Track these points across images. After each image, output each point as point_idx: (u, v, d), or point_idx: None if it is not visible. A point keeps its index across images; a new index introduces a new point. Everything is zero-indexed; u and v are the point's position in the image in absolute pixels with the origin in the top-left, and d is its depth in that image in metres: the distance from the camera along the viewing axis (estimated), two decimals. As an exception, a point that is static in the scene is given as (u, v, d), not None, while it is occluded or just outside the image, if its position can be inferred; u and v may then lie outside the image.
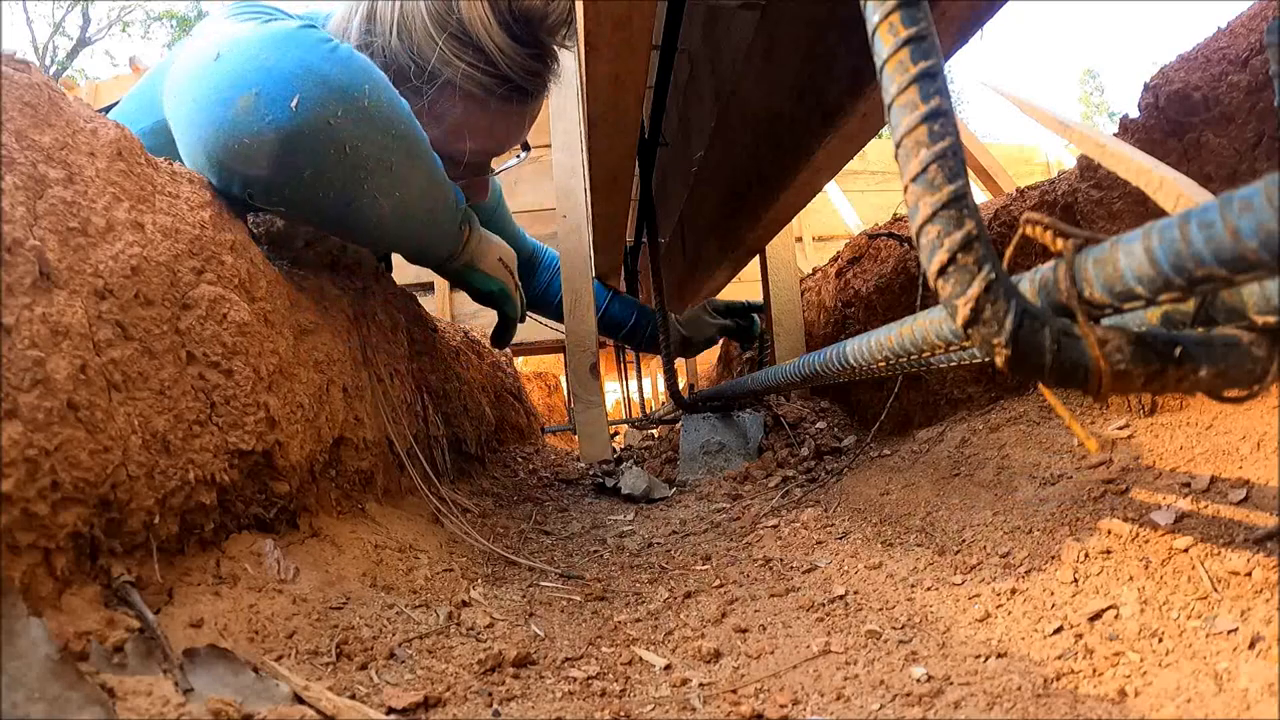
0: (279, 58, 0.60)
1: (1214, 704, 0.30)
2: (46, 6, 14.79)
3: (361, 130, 0.63)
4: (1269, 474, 0.44)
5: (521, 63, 0.91)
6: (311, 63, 0.61)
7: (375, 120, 0.64)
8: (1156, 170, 0.31)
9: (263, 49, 0.60)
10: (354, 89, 0.62)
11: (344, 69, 0.63)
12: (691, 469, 1.20)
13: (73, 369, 0.34)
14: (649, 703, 0.40)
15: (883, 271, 1.06)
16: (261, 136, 0.58)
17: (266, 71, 0.59)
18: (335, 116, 0.61)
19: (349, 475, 0.68)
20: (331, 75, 0.61)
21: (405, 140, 0.69)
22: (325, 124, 0.60)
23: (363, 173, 0.64)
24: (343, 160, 0.62)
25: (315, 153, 0.61)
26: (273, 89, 0.59)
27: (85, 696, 0.27)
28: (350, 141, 0.62)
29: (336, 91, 0.61)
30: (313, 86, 0.60)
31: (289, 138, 0.59)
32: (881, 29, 0.27)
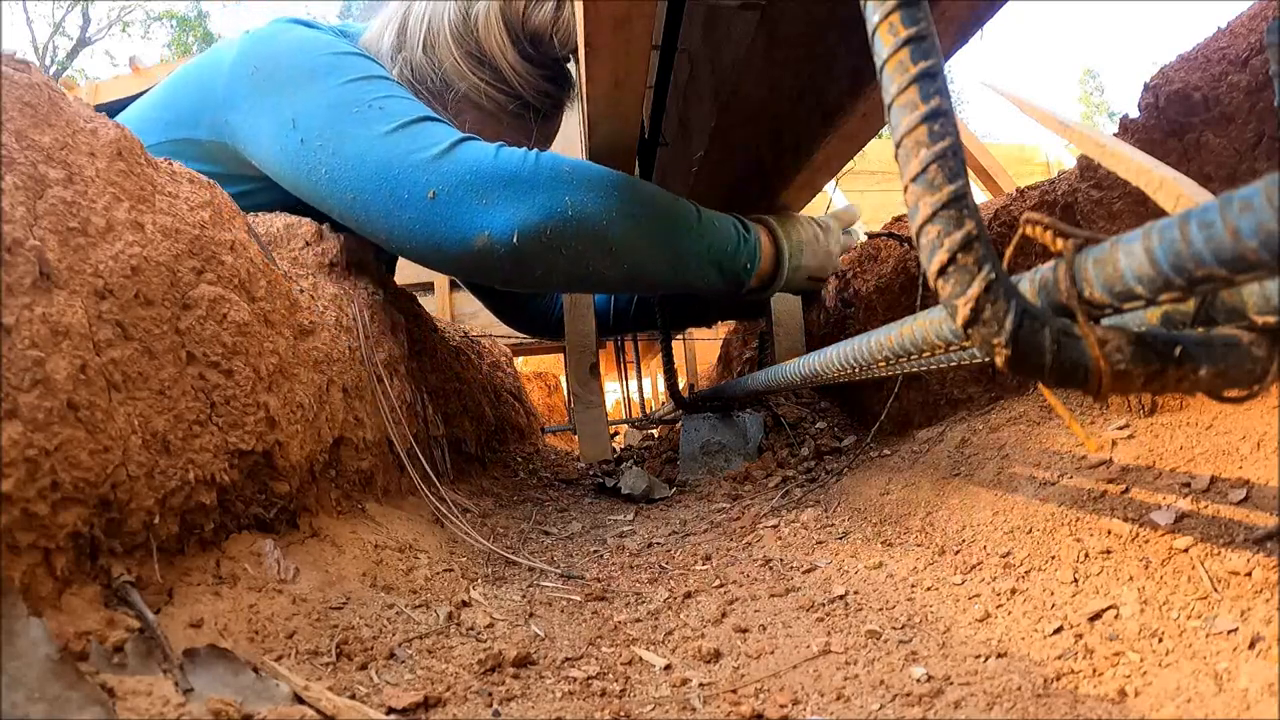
0: (496, 198, 0.76)
1: (1214, 704, 0.30)
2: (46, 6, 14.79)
3: (572, 235, 0.78)
4: (1269, 474, 0.44)
5: (534, 83, 1.00)
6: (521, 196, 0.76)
7: (582, 222, 0.78)
8: (1156, 170, 0.31)
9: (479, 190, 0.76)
10: (557, 204, 0.77)
11: (547, 190, 0.77)
12: (691, 469, 1.20)
13: (73, 369, 0.34)
14: (649, 703, 0.40)
15: (883, 271, 1.06)
16: (502, 261, 0.77)
17: (493, 216, 0.76)
18: (546, 235, 0.77)
19: (349, 475, 0.67)
20: (537, 201, 0.77)
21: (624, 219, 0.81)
22: (541, 241, 0.77)
23: (583, 259, 0.80)
24: (561, 258, 0.79)
25: (538, 261, 0.78)
26: (500, 230, 0.76)
27: (85, 696, 0.27)
28: (565, 245, 0.78)
29: (543, 213, 0.77)
30: (526, 216, 0.76)
31: (517, 259, 0.77)
32: (881, 29, 0.27)
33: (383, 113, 0.79)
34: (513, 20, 0.96)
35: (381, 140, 0.78)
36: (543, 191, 0.77)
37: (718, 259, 0.91)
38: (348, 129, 0.79)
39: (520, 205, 0.76)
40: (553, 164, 0.79)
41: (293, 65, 0.82)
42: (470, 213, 0.76)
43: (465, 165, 0.77)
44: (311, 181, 0.80)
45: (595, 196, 0.79)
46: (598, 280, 0.84)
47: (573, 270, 0.80)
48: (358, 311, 0.78)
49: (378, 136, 0.78)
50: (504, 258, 0.77)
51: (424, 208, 0.77)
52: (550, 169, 0.78)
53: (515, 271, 0.79)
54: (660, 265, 0.86)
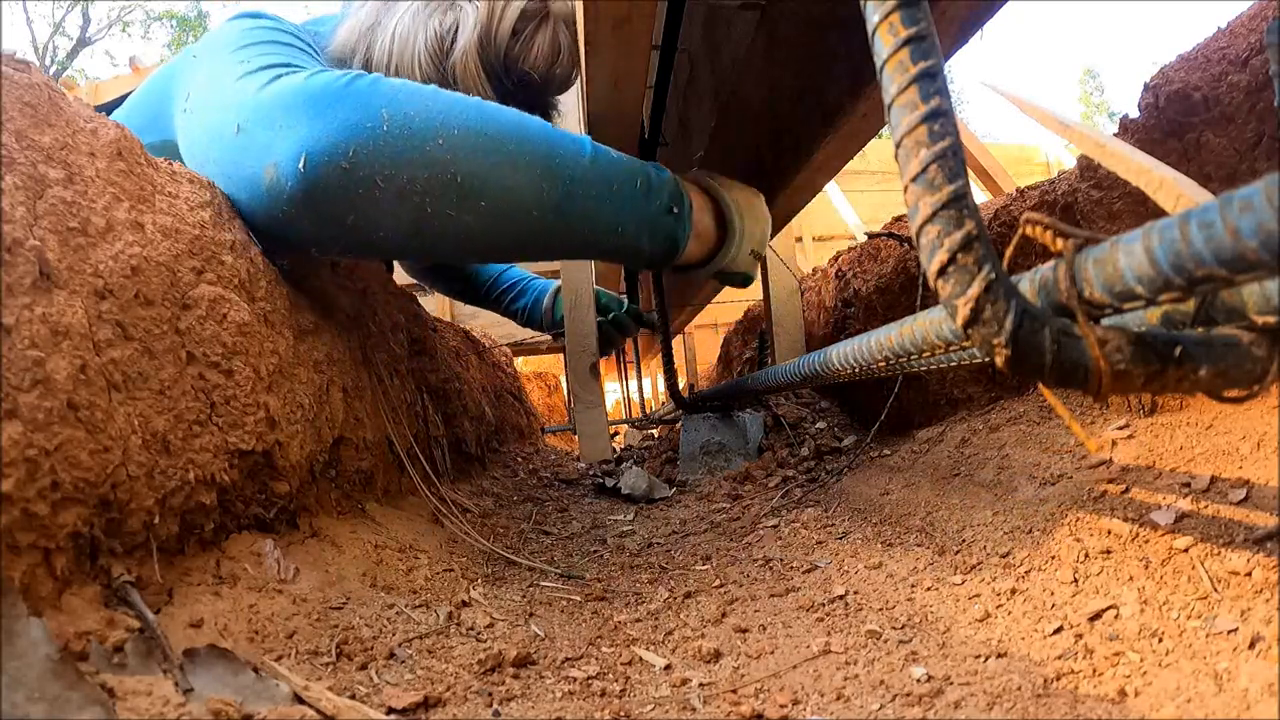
0: (291, 122, 0.59)
1: (1214, 704, 0.30)
2: (46, 6, 14.79)
3: (388, 157, 0.58)
4: (1269, 474, 0.44)
5: None
6: (316, 112, 0.59)
7: (403, 140, 0.59)
8: (1156, 170, 0.31)
9: (277, 115, 0.59)
10: (365, 119, 0.58)
11: (351, 101, 0.59)
12: (691, 469, 1.20)
13: (73, 369, 0.34)
14: (649, 703, 0.40)
15: (883, 271, 1.06)
16: (291, 201, 0.58)
17: (282, 140, 0.58)
18: (348, 158, 0.58)
19: (349, 475, 0.68)
20: (336, 116, 0.58)
21: (468, 142, 0.61)
22: (340, 170, 0.58)
23: (414, 197, 0.60)
24: (378, 194, 0.59)
25: (342, 199, 0.58)
26: (286, 154, 0.58)
27: (85, 696, 0.27)
28: (379, 174, 0.58)
29: (344, 131, 0.58)
30: (317, 136, 0.58)
31: (309, 194, 0.58)
32: (881, 29, 0.27)
33: (240, 65, 0.66)
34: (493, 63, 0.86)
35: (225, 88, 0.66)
36: (349, 104, 0.58)
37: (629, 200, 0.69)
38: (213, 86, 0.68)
39: (315, 123, 0.58)
40: (373, 80, 0.61)
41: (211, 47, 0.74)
42: (261, 142, 0.59)
43: (275, 91, 0.61)
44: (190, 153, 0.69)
45: (425, 105, 0.61)
46: (450, 233, 0.62)
47: (404, 213, 0.60)
48: (358, 311, 0.78)
49: (225, 85, 0.66)
50: (295, 196, 0.57)
51: (228, 146, 0.62)
52: (370, 83, 0.61)
53: (316, 217, 0.59)
54: (538, 205, 0.64)
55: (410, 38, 0.86)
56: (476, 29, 0.86)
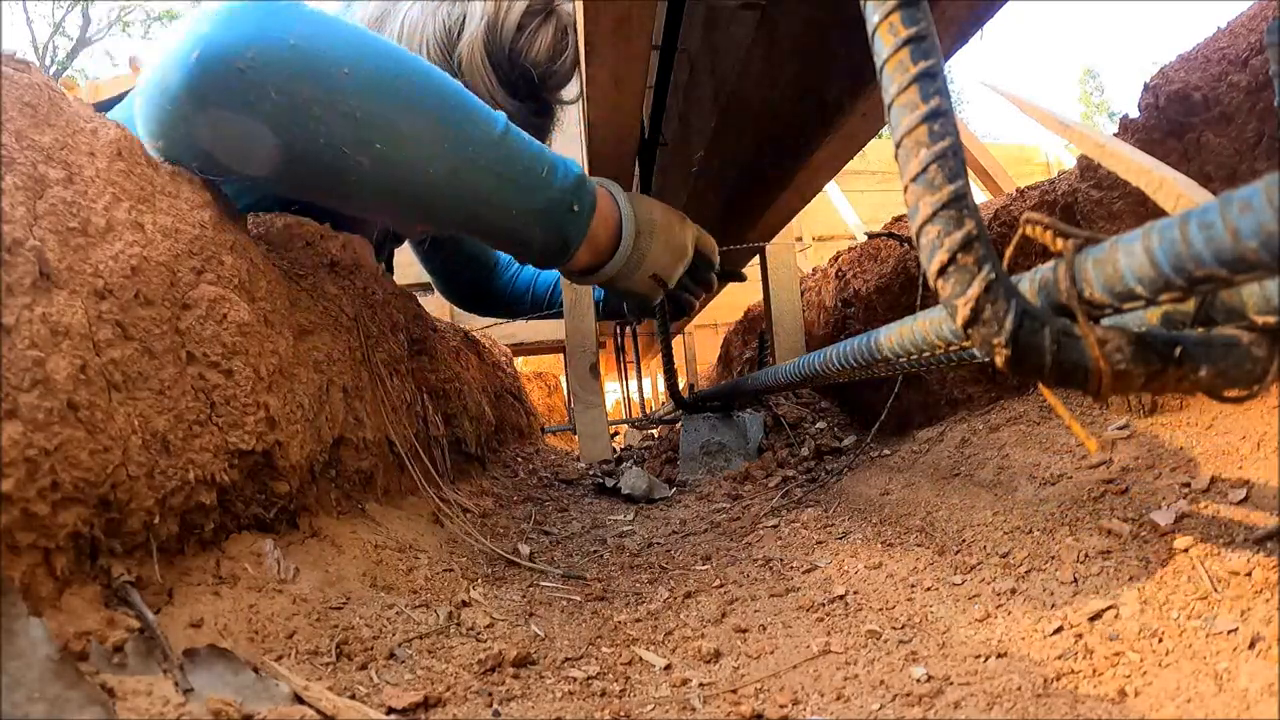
0: (197, 28, 0.54)
1: (1214, 704, 0.30)
2: (46, 6, 14.79)
3: (287, 69, 0.54)
4: (1269, 474, 0.44)
5: (524, 120, 0.91)
6: (226, 19, 0.54)
7: (309, 57, 0.55)
8: (1156, 170, 0.31)
9: (189, 25, 0.54)
10: (273, 29, 0.54)
11: (267, 16, 0.55)
12: (691, 469, 1.20)
13: (73, 369, 0.34)
14: (649, 703, 0.40)
15: (883, 271, 1.06)
16: (174, 99, 0.53)
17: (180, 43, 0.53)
18: (244, 59, 0.53)
19: (349, 475, 0.68)
20: (246, 23, 0.54)
21: (375, 78, 0.58)
22: (234, 70, 0.53)
23: (309, 121, 0.55)
24: (269, 108, 0.54)
25: (229, 103, 0.53)
26: (180, 55, 0.53)
27: (85, 696, 0.27)
28: (274, 84, 0.53)
29: (247, 35, 0.53)
30: (218, 36, 0.53)
31: (190, 92, 0.52)
32: (881, 29, 0.27)
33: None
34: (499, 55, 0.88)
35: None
36: (267, 17, 0.55)
37: (531, 184, 0.66)
38: None
39: (220, 26, 0.53)
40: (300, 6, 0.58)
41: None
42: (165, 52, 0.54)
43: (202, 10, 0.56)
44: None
45: (340, 40, 0.57)
46: (339, 171, 0.58)
47: (296, 137, 0.56)
48: (358, 311, 0.78)
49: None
50: (180, 92, 0.52)
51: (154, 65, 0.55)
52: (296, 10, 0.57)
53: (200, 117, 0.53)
54: (435, 162, 0.61)
55: (419, 27, 0.88)
56: (484, 20, 0.88)
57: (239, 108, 0.54)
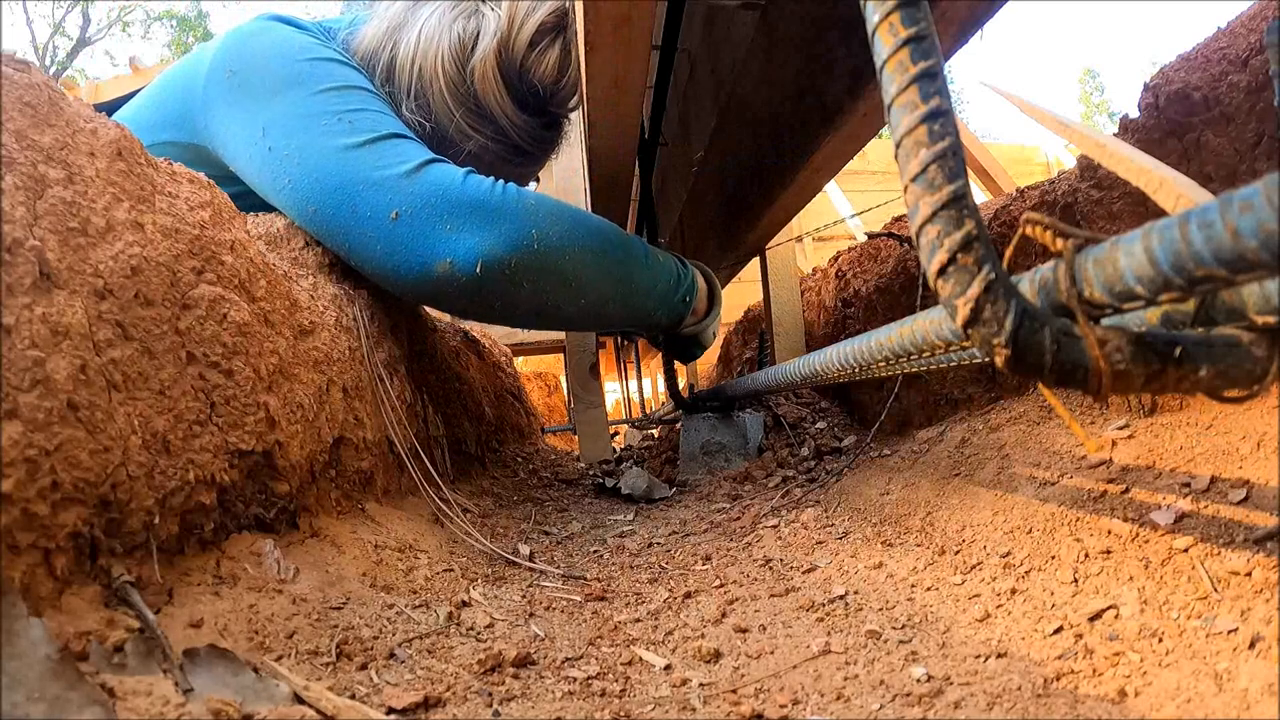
0: (461, 224, 0.74)
1: (1214, 704, 0.30)
2: (46, 6, 14.78)
3: (536, 266, 0.77)
4: (1269, 474, 0.44)
5: (532, 133, 0.97)
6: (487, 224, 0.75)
7: (546, 255, 0.77)
8: (1156, 170, 0.31)
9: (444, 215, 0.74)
10: (524, 237, 0.76)
11: (514, 220, 0.76)
12: (691, 469, 1.20)
13: (73, 369, 0.34)
14: (649, 703, 0.40)
15: (883, 271, 1.06)
16: (461, 289, 0.76)
17: (457, 243, 0.74)
18: (510, 266, 0.75)
19: (349, 475, 0.67)
20: (504, 231, 0.75)
21: (584, 255, 0.81)
22: (503, 274, 0.75)
23: (543, 294, 0.79)
24: (523, 291, 0.77)
25: (501, 294, 0.77)
26: (463, 258, 0.74)
27: (85, 696, 0.27)
28: (527, 278, 0.77)
29: (509, 245, 0.75)
30: (490, 247, 0.74)
31: (478, 289, 0.76)
32: (881, 29, 0.27)
33: (351, 126, 0.77)
34: (510, 71, 0.91)
35: (346, 154, 0.76)
36: (510, 221, 0.75)
37: (664, 294, 0.92)
38: (314, 140, 0.76)
39: (486, 233, 0.75)
40: (519, 195, 0.77)
41: (267, 71, 0.80)
42: (434, 238, 0.75)
43: (432, 187, 0.75)
44: (276, 190, 0.79)
45: (559, 229, 0.78)
46: (553, 314, 0.83)
47: (532, 304, 0.79)
48: (358, 311, 0.78)
49: (343, 149, 0.76)
50: (465, 286, 0.75)
51: (386, 228, 0.75)
52: (517, 199, 0.77)
53: (474, 302, 0.78)
54: (615, 300, 0.87)
55: (435, 40, 0.91)
56: (496, 37, 0.90)
57: (503, 295, 0.78)
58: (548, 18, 0.91)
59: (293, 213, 0.79)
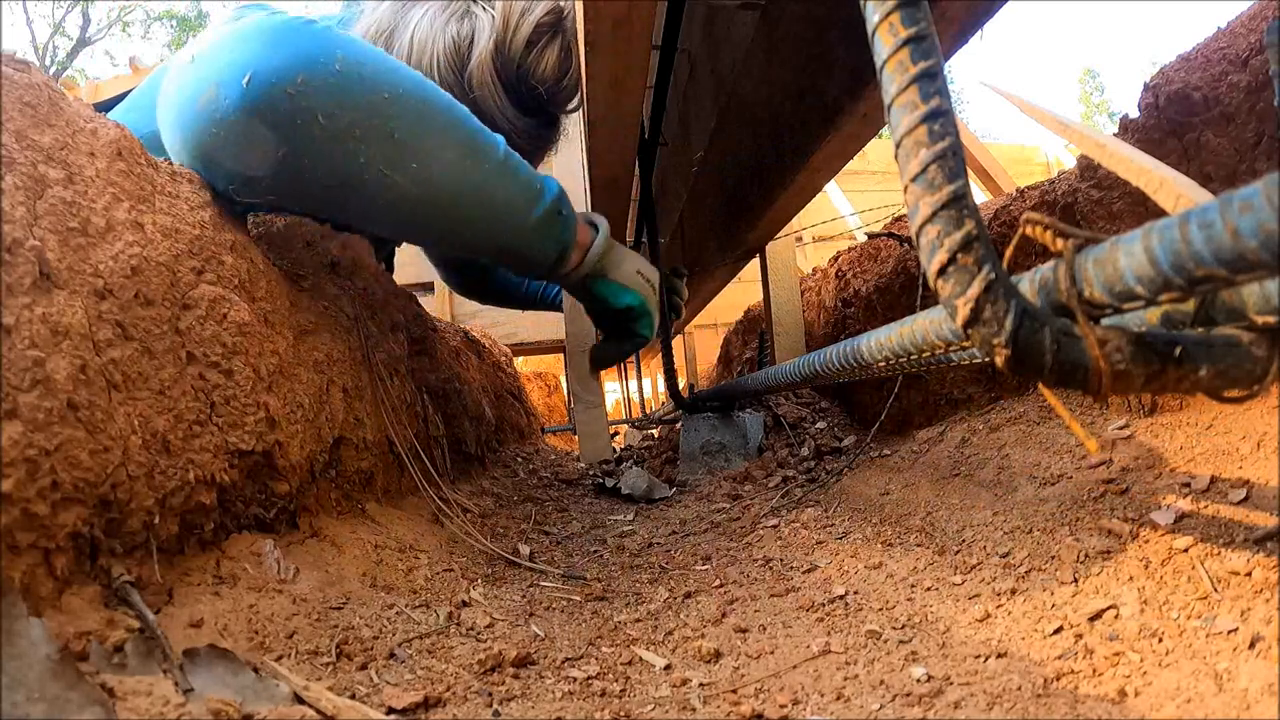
0: (243, 48, 0.57)
1: (1214, 704, 0.30)
2: (46, 6, 14.79)
3: (334, 95, 0.58)
4: (1269, 474, 0.44)
5: (532, 134, 0.93)
6: (271, 40, 0.57)
7: (353, 83, 0.59)
8: (1156, 170, 0.31)
9: (231, 42, 0.57)
10: (319, 55, 0.57)
11: (310, 41, 0.58)
12: (691, 469, 1.20)
13: (73, 369, 0.34)
14: (649, 703, 0.40)
15: (883, 271, 1.06)
16: (223, 123, 0.56)
17: (229, 63, 0.56)
18: (294, 84, 0.56)
19: (349, 475, 0.68)
20: (291, 46, 0.57)
21: (409, 103, 0.62)
22: (284, 94, 0.56)
23: (350, 142, 0.59)
24: (317, 132, 0.57)
25: (279, 126, 0.56)
26: (230, 76, 0.55)
27: (85, 696, 0.27)
28: (321, 109, 0.57)
29: (296, 60, 0.56)
30: (267, 59, 0.56)
31: (244, 115, 0.55)
32: (881, 29, 0.27)
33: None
34: (508, 72, 0.88)
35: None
36: (306, 38, 0.58)
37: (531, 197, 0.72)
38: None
39: (268, 49, 0.56)
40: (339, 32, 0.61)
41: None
42: (209, 66, 0.57)
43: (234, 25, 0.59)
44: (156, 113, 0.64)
45: (379, 61, 0.62)
46: (376, 192, 0.62)
47: (337, 159, 0.59)
48: (358, 311, 0.78)
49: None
50: (231, 116, 0.55)
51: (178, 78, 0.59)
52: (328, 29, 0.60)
53: (247, 142, 0.56)
54: (460, 180, 0.66)
55: (428, 45, 0.88)
56: (492, 38, 0.88)
57: (287, 130, 0.57)
58: (544, 17, 0.89)
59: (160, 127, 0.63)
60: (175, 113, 0.58)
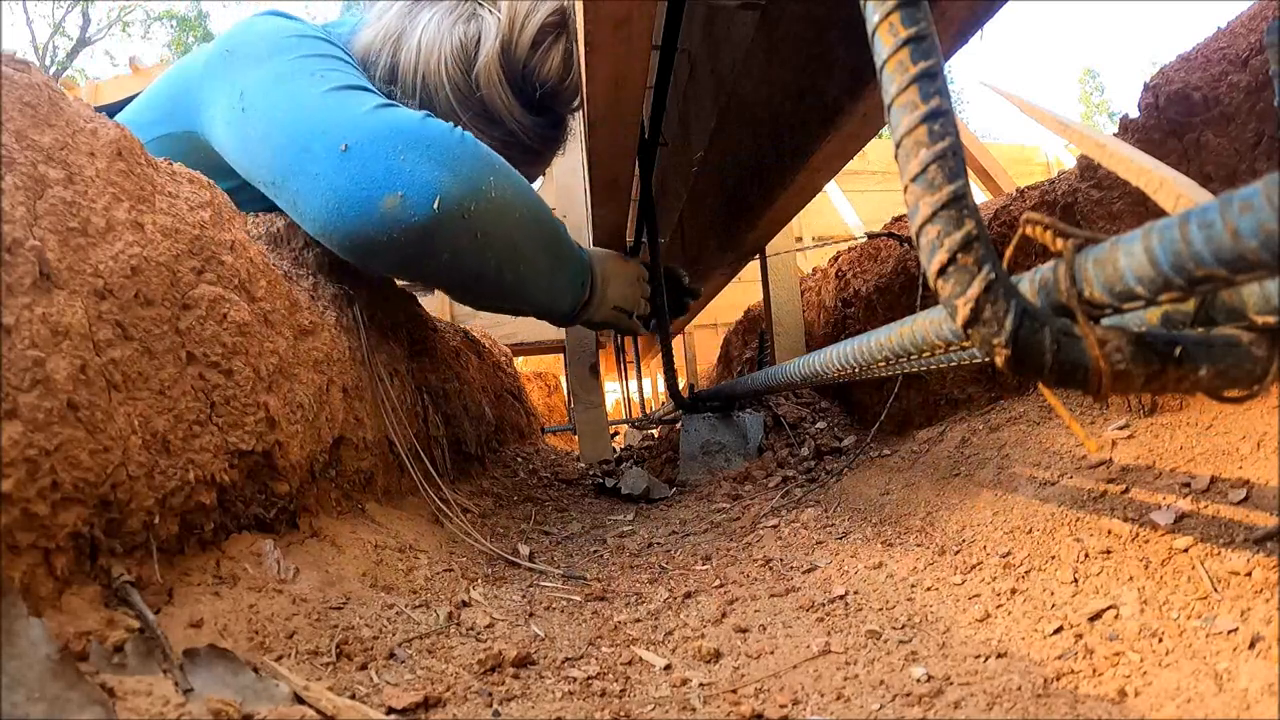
0: (415, 159, 0.68)
1: (1214, 704, 0.30)
2: (46, 6, 14.79)
3: (491, 217, 0.72)
4: (1269, 474, 0.43)
5: (540, 133, 0.97)
6: (445, 161, 0.69)
7: (501, 208, 0.73)
8: (1156, 170, 0.31)
9: (397, 147, 0.68)
10: (482, 182, 0.71)
11: (473, 163, 0.71)
12: (691, 469, 1.20)
13: (73, 369, 0.34)
14: (649, 703, 0.40)
15: (883, 271, 1.06)
16: (409, 231, 0.68)
17: (409, 175, 0.67)
18: (469, 210, 0.70)
19: (349, 475, 0.67)
20: (464, 172, 0.70)
21: (529, 219, 0.77)
22: (462, 217, 0.69)
23: (490, 252, 0.74)
24: (475, 243, 0.72)
25: (452, 241, 0.70)
26: (417, 192, 0.67)
27: (85, 696, 0.27)
28: (482, 228, 0.72)
29: (468, 186, 0.70)
30: (450, 185, 0.68)
31: (433, 232, 0.69)
32: (881, 29, 0.27)
33: (321, 79, 0.73)
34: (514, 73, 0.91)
35: (309, 99, 0.71)
36: (468, 163, 0.70)
37: (574, 275, 0.90)
38: (282, 93, 0.73)
39: (444, 170, 0.68)
40: (475, 142, 0.73)
41: (259, 44, 0.78)
42: (385, 169, 0.67)
43: (388, 121, 0.69)
44: (244, 150, 0.75)
45: (510, 185, 0.75)
46: (489, 281, 0.78)
47: (476, 263, 0.74)
48: (358, 311, 0.78)
49: (306, 96, 0.71)
50: (414, 228, 0.68)
51: (334, 162, 0.67)
52: (475, 145, 0.73)
53: (418, 249, 0.70)
54: (541, 275, 0.84)
55: (436, 47, 0.89)
56: (498, 39, 0.90)
57: (453, 244, 0.71)
58: (549, 17, 0.91)
59: (255, 170, 0.74)
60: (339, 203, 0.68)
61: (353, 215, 0.68)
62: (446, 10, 0.91)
